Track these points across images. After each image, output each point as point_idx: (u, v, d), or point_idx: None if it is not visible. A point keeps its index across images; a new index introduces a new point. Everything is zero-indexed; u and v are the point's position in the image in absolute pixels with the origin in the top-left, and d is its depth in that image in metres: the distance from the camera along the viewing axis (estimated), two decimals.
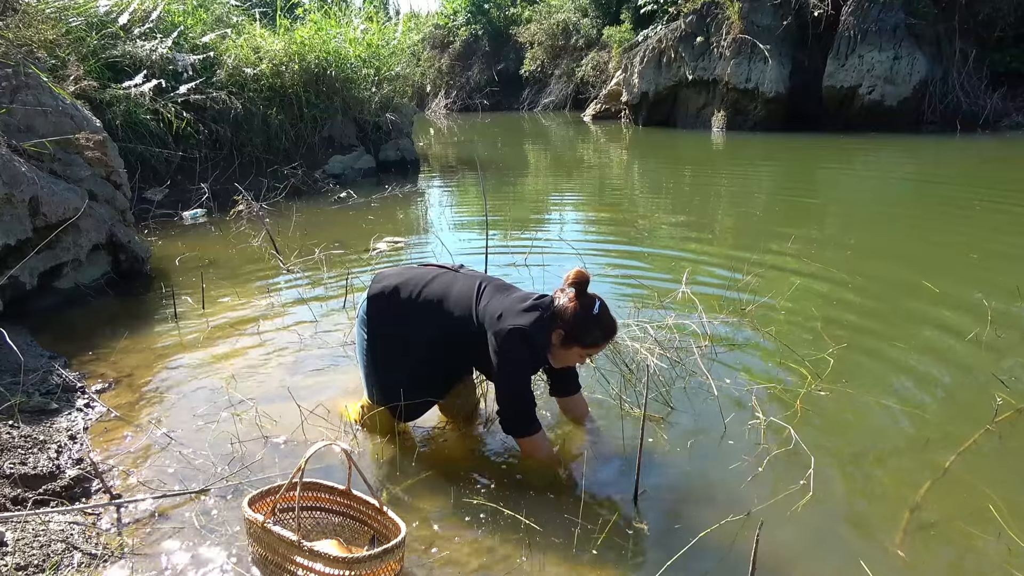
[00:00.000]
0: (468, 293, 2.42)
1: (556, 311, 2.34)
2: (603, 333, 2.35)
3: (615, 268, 5.13)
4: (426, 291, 2.45)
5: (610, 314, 2.37)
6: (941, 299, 4.17)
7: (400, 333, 2.48)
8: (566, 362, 2.46)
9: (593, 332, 2.33)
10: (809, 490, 2.30)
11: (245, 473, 2.48)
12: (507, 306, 2.33)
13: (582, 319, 2.31)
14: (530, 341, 2.28)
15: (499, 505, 2.29)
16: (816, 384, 3.05)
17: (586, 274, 2.35)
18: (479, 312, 2.36)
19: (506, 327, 2.26)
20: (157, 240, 6.11)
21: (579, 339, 2.33)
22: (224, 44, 9.14)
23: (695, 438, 2.69)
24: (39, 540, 2.03)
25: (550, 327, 2.33)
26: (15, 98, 4.59)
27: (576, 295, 2.33)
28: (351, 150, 10.13)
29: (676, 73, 16.43)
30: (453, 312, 2.39)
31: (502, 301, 2.36)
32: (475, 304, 2.38)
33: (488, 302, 2.37)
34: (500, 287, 2.46)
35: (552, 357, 2.42)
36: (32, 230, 4.06)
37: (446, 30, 28.55)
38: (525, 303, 2.34)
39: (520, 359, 2.30)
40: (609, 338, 2.37)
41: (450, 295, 2.43)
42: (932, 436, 2.69)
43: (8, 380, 3.05)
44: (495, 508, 2.28)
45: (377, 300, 2.51)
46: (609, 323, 2.36)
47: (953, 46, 13.75)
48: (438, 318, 2.41)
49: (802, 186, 9.36)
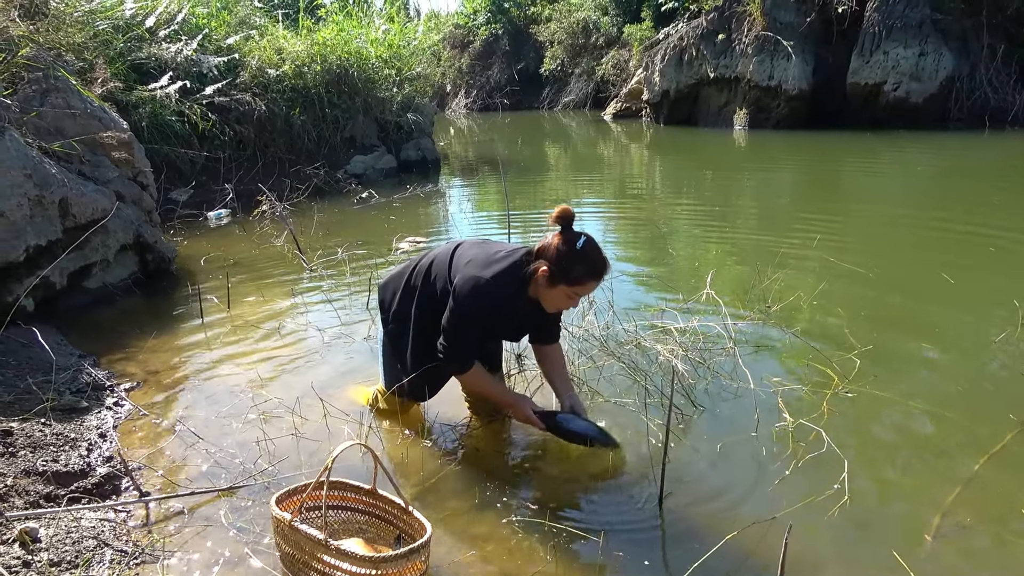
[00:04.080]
0: (444, 259, 2.47)
1: (540, 249, 2.29)
2: (587, 269, 2.24)
3: (638, 267, 5.11)
4: (416, 269, 2.55)
5: (598, 250, 2.27)
6: (969, 298, 4.11)
7: (400, 316, 2.56)
8: (557, 304, 2.35)
9: (576, 269, 2.22)
10: (845, 494, 2.27)
11: (272, 471, 2.51)
12: (479, 257, 2.36)
13: (565, 255, 2.23)
14: (486, 292, 2.25)
15: (524, 505, 2.29)
16: (843, 385, 3.01)
17: (570, 210, 2.27)
18: (453, 274, 2.38)
19: (467, 274, 2.29)
20: (182, 240, 6.18)
21: (563, 277, 2.24)
22: (248, 46, 9.23)
23: (721, 440, 2.67)
24: (71, 536, 2.06)
25: (528, 273, 2.30)
26: (45, 101, 4.66)
27: (560, 231, 2.27)
28: (372, 150, 10.18)
29: (697, 71, 16.31)
30: (435, 284, 2.46)
31: (476, 254, 2.39)
32: (449, 269, 2.42)
33: (462, 260, 2.40)
34: (477, 243, 2.51)
35: (543, 300, 2.36)
36: (62, 231, 4.13)
37: (466, 29, 28.59)
38: (498, 254, 2.35)
39: (465, 307, 2.29)
40: (595, 276, 2.25)
41: (432, 268, 2.50)
42: (962, 438, 2.65)
43: (40, 378, 3.10)
44: (520, 507, 2.28)
45: (381, 290, 2.68)
46: (595, 259, 2.25)
47: (980, 42, 13.52)
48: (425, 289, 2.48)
49: (826, 184, 9.26)
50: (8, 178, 3.78)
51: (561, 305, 2.36)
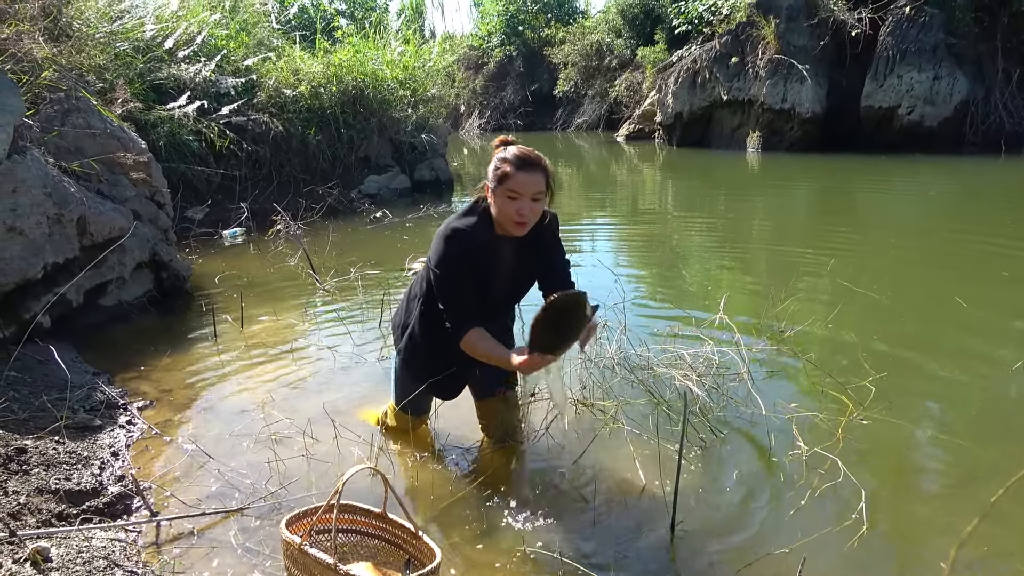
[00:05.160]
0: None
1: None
2: (512, 164, 2.28)
3: (651, 289, 5.10)
4: (416, 278, 2.63)
5: (521, 147, 2.33)
6: (983, 324, 4.07)
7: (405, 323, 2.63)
8: (507, 214, 2.31)
9: (502, 167, 2.29)
10: (863, 524, 2.23)
11: (282, 492, 2.51)
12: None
13: (495, 163, 2.32)
14: (450, 236, 2.33)
15: (534, 533, 2.28)
16: (858, 413, 2.98)
17: (507, 138, 2.39)
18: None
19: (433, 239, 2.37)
20: (197, 258, 6.22)
21: (497, 182, 2.30)
22: (265, 67, 9.35)
23: (734, 468, 2.64)
24: (82, 556, 2.06)
25: (482, 205, 2.39)
26: (66, 120, 4.73)
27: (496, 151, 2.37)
28: (386, 170, 10.25)
29: (711, 93, 16.36)
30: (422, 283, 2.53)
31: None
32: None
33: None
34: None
35: (497, 218, 2.36)
36: (79, 249, 4.17)
37: (480, 51, 28.84)
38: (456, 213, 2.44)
39: (439, 261, 2.32)
40: (519, 166, 2.27)
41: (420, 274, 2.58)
42: (979, 468, 2.61)
43: (55, 396, 3.12)
44: (530, 535, 2.26)
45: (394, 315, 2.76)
46: (517, 153, 2.30)
47: (996, 66, 13.51)
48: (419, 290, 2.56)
49: (840, 207, 9.23)
50: (28, 197, 3.83)
51: (510, 213, 2.31)
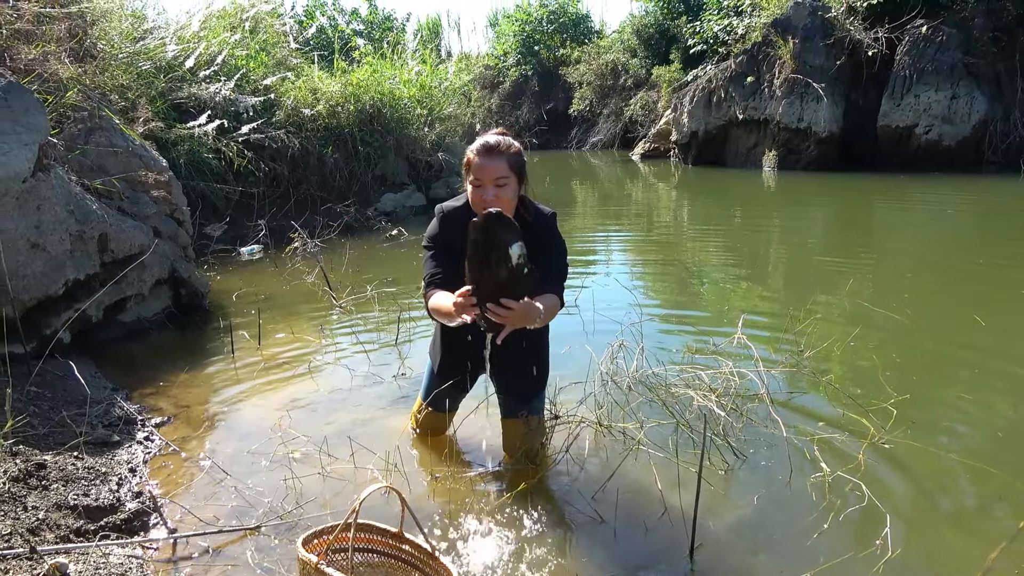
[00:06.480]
0: None
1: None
2: (473, 150, 2.40)
3: (668, 309, 5.08)
4: None
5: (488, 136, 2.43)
6: (1006, 346, 4.01)
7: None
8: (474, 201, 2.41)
9: (467, 156, 2.42)
10: (888, 550, 2.19)
11: (299, 511, 2.50)
12: None
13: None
14: (436, 215, 2.57)
15: (550, 553, 2.25)
16: (880, 435, 2.94)
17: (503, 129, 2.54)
18: None
19: None
20: (215, 275, 6.27)
21: (464, 169, 2.45)
22: (284, 86, 9.46)
23: (754, 490, 2.61)
24: (99, 573, 2.06)
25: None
26: (89, 139, 4.80)
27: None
28: (403, 188, 10.31)
29: (726, 112, 16.36)
30: None
31: None
32: None
33: None
34: None
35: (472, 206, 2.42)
36: (100, 265, 4.22)
37: (496, 70, 29.04)
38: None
39: (427, 230, 2.58)
40: (477, 152, 2.38)
41: None
42: (1003, 493, 2.56)
43: (74, 411, 3.14)
44: (546, 555, 2.24)
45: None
46: (480, 141, 2.41)
47: (1015, 85, 13.43)
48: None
49: (858, 226, 9.17)
50: (52, 214, 3.88)
51: (476, 200, 2.40)
